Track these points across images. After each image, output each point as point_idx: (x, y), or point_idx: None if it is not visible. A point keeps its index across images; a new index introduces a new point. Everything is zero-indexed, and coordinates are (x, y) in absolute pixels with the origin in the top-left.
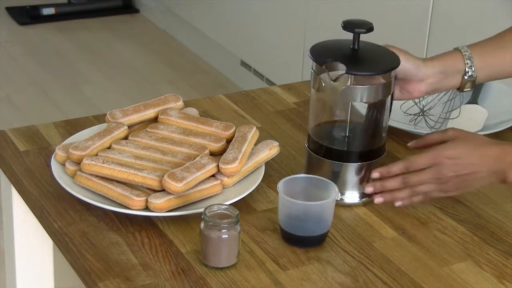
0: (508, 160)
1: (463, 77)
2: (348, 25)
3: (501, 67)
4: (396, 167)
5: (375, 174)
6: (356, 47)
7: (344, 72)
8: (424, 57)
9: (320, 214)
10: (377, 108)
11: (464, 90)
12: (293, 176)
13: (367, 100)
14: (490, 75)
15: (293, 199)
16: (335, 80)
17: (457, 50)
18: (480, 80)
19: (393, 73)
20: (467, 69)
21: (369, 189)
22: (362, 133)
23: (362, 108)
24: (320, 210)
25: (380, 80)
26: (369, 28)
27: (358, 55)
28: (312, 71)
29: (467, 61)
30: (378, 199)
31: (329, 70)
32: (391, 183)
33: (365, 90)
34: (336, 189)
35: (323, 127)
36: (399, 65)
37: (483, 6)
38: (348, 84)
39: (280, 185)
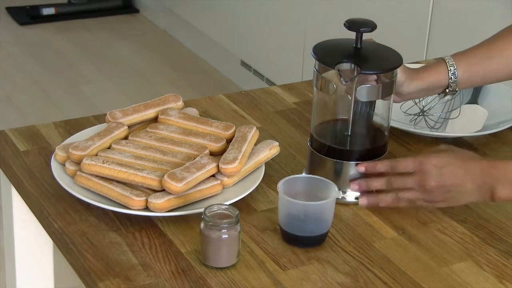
0: (494, 173)
1: (444, 90)
2: (352, 25)
3: (485, 77)
4: (382, 165)
5: (360, 168)
6: (359, 46)
7: (359, 73)
8: (425, 57)
9: (320, 214)
10: (380, 106)
11: (444, 98)
12: (293, 176)
13: (371, 98)
14: (472, 84)
15: (293, 199)
16: (347, 82)
17: (443, 62)
18: (460, 88)
19: (395, 71)
20: (450, 84)
21: (354, 187)
22: (365, 132)
23: (365, 106)
24: (320, 210)
25: (384, 78)
26: (373, 27)
27: (362, 54)
28: (315, 70)
29: (452, 76)
30: (362, 201)
31: (341, 71)
32: (376, 183)
33: (370, 89)
34: (336, 189)
35: (325, 125)
36: (402, 62)
37: (483, 6)
38: (356, 84)
39: (280, 185)
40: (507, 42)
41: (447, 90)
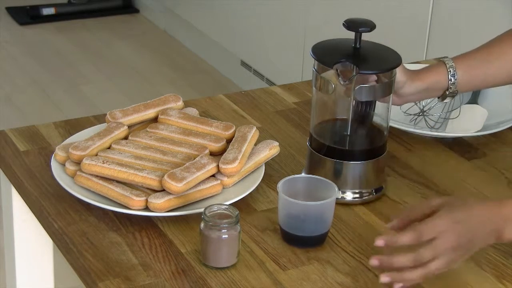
0: (504, 213)
1: (444, 92)
2: (351, 24)
3: (484, 81)
4: (405, 238)
5: (379, 242)
6: (358, 46)
7: (357, 73)
8: (425, 57)
9: (320, 214)
10: (379, 106)
11: (443, 101)
12: (293, 176)
13: (371, 98)
14: (472, 87)
15: (293, 199)
16: (346, 82)
17: (442, 64)
18: (460, 92)
19: (394, 71)
20: (450, 86)
21: (374, 262)
22: (364, 132)
23: (364, 106)
24: (320, 210)
25: (383, 78)
26: (372, 27)
27: (361, 54)
28: (314, 70)
29: (451, 78)
30: (384, 279)
31: (340, 71)
32: (401, 260)
33: (369, 89)
34: (336, 189)
35: (325, 125)
36: (401, 61)
37: (483, 6)
38: (355, 83)
39: (280, 185)
40: (506, 46)
41: (447, 92)
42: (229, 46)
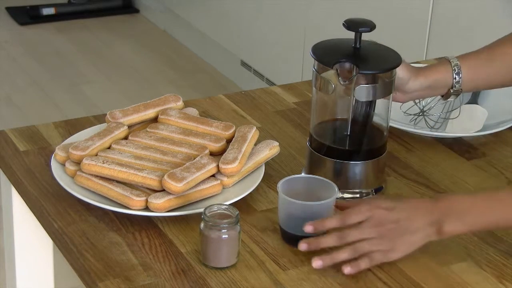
0: (442, 206)
1: (449, 90)
2: (351, 24)
3: (488, 81)
4: (331, 221)
5: (308, 228)
6: (358, 46)
7: (357, 73)
8: (425, 57)
9: (320, 214)
10: (379, 106)
11: (447, 100)
12: (293, 176)
13: (371, 98)
14: (476, 87)
15: (293, 199)
16: (346, 81)
17: (447, 62)
18: (465, 91)
19: (394, 71)
20: (454, 83)
21: (303, 246)
22: (364, 132)
23: (364, 106)
24: (320, 210)
25: (383, 78)
26: (372, 26)
27: (361, 54)
28: (314, 69)
29: (456, 76)
30: (316, 263)
31: (340, 71)
32: (327, 240)
33: (369, 89)
34: (336, 189)
35: (324, 125)
36: (401, 61)
37: (483, 6)
38: (355, 83)
39: (280, 185)
40: (507, 47)
41: (451, 90)
42: (229, 46)
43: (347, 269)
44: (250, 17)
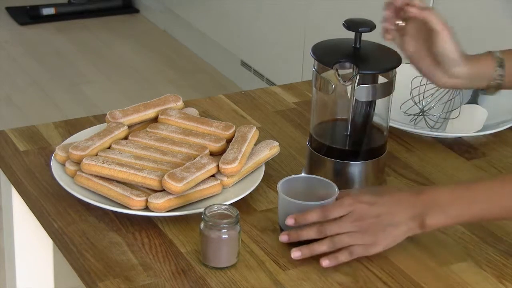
0: (424, 199)
1: (489, 83)
2: (351, 24)
3: None
4: (312, 215)
5: (289, 221)
6: (358, 46)
7: (357, 73)
8: None
9: None
10: (379, 106)
11: (487, 93)
12: (293, 176)
13: (371, 98)
14: None
15: (293, 199)
16: (346, 81)
17: (489, 55)
18: (505, 87)
19: (394, 71)
20: (496, 77)
21: (283, 238)
22: (364, 132)
23: (364, 106)
24: None
25: (383, 78)
26: (372, 27)
27: (361, 54)
28: (314, 70)
29: (497, 68)
30: (295, 254)
31: (340, 71)
32: (307, 232)
33: (369, 89)
34: (336, 189)
35: (324, 125)
36: (401, 61)
37: (483, 6)
38: (356, 83)
39: (280, 185)
40: None
41: (492, 83)
42: (229, 46)
43: (325, 262)
44: (250, 17)
